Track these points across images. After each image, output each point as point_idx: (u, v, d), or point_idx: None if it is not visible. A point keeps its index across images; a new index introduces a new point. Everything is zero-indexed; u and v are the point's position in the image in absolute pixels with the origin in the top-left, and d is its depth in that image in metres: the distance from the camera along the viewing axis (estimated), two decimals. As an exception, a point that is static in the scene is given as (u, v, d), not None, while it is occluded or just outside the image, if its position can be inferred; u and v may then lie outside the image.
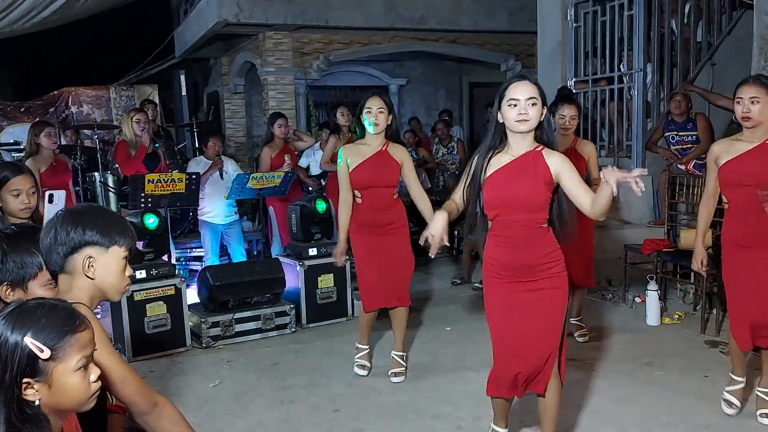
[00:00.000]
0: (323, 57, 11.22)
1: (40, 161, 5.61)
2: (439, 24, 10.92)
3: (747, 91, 3.25)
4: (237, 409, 3.81)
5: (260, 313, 5.05)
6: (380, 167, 3.95)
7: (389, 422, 3.57)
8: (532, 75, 9.69)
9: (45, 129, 5.66)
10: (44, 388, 1.49)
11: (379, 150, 3.97)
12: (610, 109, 7.10)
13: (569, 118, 4.49)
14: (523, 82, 2.72)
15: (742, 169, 3.25)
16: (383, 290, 4.06)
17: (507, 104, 2.68)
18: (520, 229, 2.72)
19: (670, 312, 5.31)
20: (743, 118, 3.25)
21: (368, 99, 3.96)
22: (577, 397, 3.75)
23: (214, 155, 6.18)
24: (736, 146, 3.34)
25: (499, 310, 2.82)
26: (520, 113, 2.66)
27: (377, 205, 3.98)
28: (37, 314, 1.49)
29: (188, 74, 12.81)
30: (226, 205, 6.18)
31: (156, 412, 1.95)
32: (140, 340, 4.63)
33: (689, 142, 6.13)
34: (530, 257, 2.72)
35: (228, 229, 6.28)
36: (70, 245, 1.89)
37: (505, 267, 2.76)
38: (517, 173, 2.71)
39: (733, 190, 3.32)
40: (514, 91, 2.68)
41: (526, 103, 2.66)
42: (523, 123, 2.67)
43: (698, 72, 6.75)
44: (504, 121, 2.73)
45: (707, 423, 3.41)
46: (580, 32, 7.26)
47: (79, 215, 1.93)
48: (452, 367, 4.36)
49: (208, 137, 6.28)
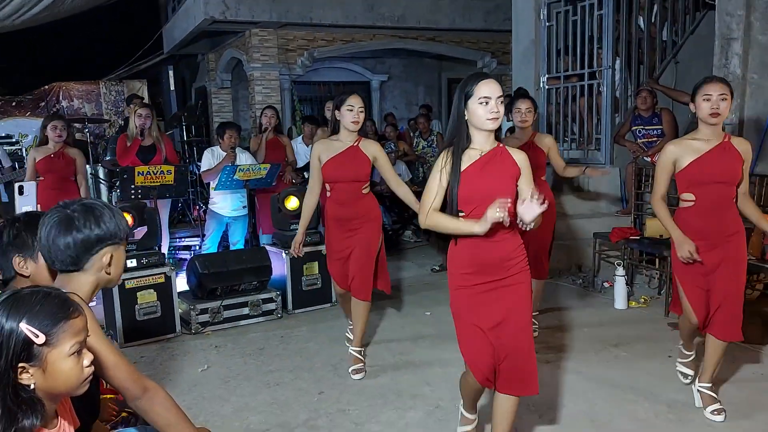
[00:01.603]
0: (307, 53, 11.42)
1: (40, 151, 5.80)
2: (419, 23, 11.18)
3: (716, 88, 3.20)
4: (225, 393, 3.87)
5: (248, 300, 5.17)
6: (350, 162, 3.97)
7: (371, 403, 3.67)
8: (507, 72, 9.99)
9: (51, 122, 5.82)
10: (39, 373, 1.50)
11: (351, 146, 3.99)
12: (580, 105, 7.26)
13: (525, 111, 4.52)
14: (491, 80, 2.67)
15: (709, 168, 3.20)
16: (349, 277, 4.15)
17: (477, 102, 2.62)
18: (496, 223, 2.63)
19: (637, 296, 5.52)
20: (712, 114, 3.19)
21: (350, 97, 3.94)
22: (548, 377, 3.88)
23: (229, 148, 6.06)
24: (695, 146, 3.28)
25: (467, 311, 2.76)
26: (491, 111, 2.62)
27: (344, 198, 4.02)
28: (32, 301, 1.51)
29: (176, 70, 12.94)
30: (236, 199, 6.19)
31: (147, 397, 1.96)
32: (131, 326, 4.71)
33: (655, 136, 6.32)
34: (502, 251, 2.69)
35: (234, 222, 6.30)
36: (95, 245, 1.92)
37: (479, 264, 2.70)
38: (489, 168, 2.68)
39: (700, 188, 3.26)
40: (484, 89, 2.62)
41: (497, 101, 2.63)
42: (494, 121, 2.64)
43: (663, 69, 6.95)
44: (470, 118, 2.67)
45: (670, 400, 3.54)
46: (552, 31, 7.42)
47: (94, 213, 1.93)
48: (431, 350, 4.48)
49: (224, 129, 6.17)
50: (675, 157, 3.31)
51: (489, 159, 2.69)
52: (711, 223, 3.26)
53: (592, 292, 5.84)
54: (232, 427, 3.45)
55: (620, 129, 6.71)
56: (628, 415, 3.44)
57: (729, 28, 5.43)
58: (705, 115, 3.23)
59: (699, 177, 3.24)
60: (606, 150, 7.01)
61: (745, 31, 5.33)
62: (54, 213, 1.93)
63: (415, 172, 8.66)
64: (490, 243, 2.66)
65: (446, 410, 3.50)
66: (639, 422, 3.37)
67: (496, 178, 2.67)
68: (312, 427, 3.44)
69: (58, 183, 5.77)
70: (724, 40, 5.48)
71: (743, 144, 3.32)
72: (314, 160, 4.06)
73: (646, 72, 7.08)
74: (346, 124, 3.96)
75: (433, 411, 3.54)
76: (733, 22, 5.40)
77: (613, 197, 6.93)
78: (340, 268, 4.16)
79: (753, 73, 5.38)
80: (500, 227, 2.60)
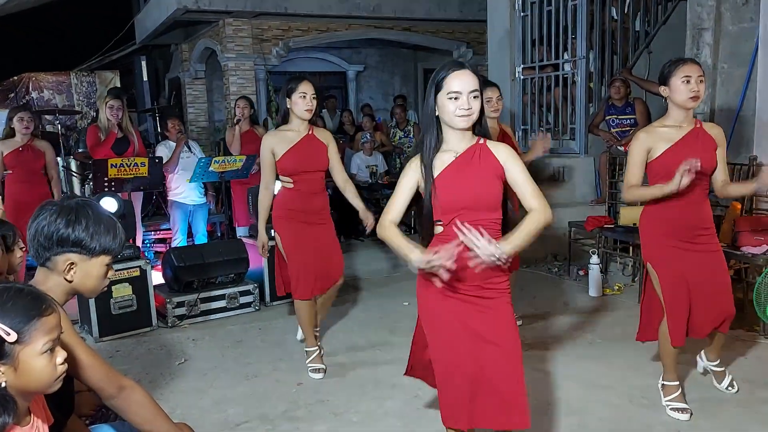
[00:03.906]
0: (282, 44, 11.34)
1: (7, 144, 5.69)
2: (394, 12, 11.16)
3: (694, 69, 3.04)
4: (202, 385, 3.87)
5: (225, 293, 5.16)
6: (309, 151, 3.82)
7: (350, 393, 3.69)
8: (483, 62, 10.00)
9: (17, 114, 5.71)
10: (10, 371, 1.47)
11: (306, 134, 3.83)
12: (555, 94, 7.31)
13: (496, 99, 4.39)
14: (463, 71, 2.32)
15: (684, 156, 2.94)
16: (318, 275, 3.92)
17: (447, 96, 2.29)
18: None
19: (611, 284, 5.60)
20: (693, 98, 3.02)
21: (302, 83, 3.74)
22: (523, 363, 3.95)
23: (176, 134, 6.35)
24: (667, 133, 3.12)
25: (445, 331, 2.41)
26: (461, 108, 2.29)
27: (310, 189, 3.86)
28: (4, 298, 1.47)
29: (149, 60, 12.73)
30: (196, 187, 6.33)
31: (123, 396, 1.92)
32: (107, 320, 4.69)
33: (628, 125, 6.40)
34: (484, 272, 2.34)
35: (196, 210, 6.44)
36: (55, 245, 1.85)
37: (455, 279, 2.30)
38: (466, 170, 2.35)
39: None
40: (454, 82, 2.29)
41: (469, 96, 2.29)
42: (465, 119, 2.31)
43: (636, 59, 7.02)
44: (440, 114, 2.35)
45: (643, 385, 3.57)
46: (527, 21, 7.47)
47: (71, 215, 1.86)
48: (409, 339, 4.42)
49: (165, 121, 6.42)
50: (648, 145, 3.13)
51: (466, 160, 2.36)
52: (686, 215, 3.12)
53: (567, 280, 5.91)
54: (211, 419, 3.44)
55: (594, 119, 6.78)
56: (602, 401, 3.49)
57: (700, 18, 5.51)
58: (684, 99, 3.04)
59: (673, 167, 2.97)
60: (580, 140, 7.07)
61: (715, 21, 5.41)
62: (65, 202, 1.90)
63: (392, 162, 8.66)
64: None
65: (425, 399, 3.51)
66: (613, 407, 3.42)
67: (477, 180, 2.34)
68: (291, 418, 3.45)
69: (26, 176, 5.67)
70: (695, 30, 5.57)
71: (714, 128, 3.20)
72: (266, 153, 3.84)
73: (620, 62, 7.14)
74: (299, 113, 3.78)
75: (412, 400, 3.56)
76: (704, 12, 5.48)
77: (588, 186, 6.99)
78: (312, 263, 3.88)
79: (723, 63, 5.47)
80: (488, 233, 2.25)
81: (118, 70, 12.27)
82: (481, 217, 2.33)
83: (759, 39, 5.05)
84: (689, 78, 3.01)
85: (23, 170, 5.67)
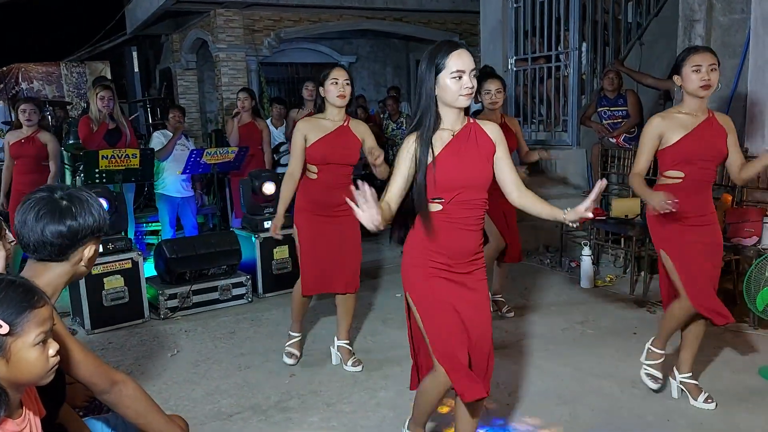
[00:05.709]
0: (274, 34, 11.29)
1: (13, 135, 5.75)
2: (386, 3, 11.15)
3: (705, 58, 3.03)
4: (195, 377, 3.86)
5: (217, 285, 5.14)
6: (341, 143, 3.65)
7: (342, 384, 3.70)
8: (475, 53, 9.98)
9: (20, 106, 5.73)
10: (2, 363, 1.47)
11: (341, 125, 3.66)
12: (547, 86, 7.31)
13: (495, 92, 4.35)
14: (462, 50, 2.38)
15: (699, 144, 3.04)
16: (329, 275, 3.81)
17: (450, 76, 2.34)
18: (474, 209, 2.44)
19: (603, 275, 5.63)
20: (703, 86, 3.02)
21: (334, 69, 3.65)
22: (516, 355, 3.98)
23: (174, 127, 6.34)
24: (682, 120, 3.12)
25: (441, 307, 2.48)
26: (465, 87, 2.35)
27: (333, 182, 3.66)
28: None
29: (140, 51, 12.70)
30: (184, 179, 6.29)
31: (115, 390, 1.90)
32: (98, 312, 4.68)
33: (620, 117, 6.40)
34: (472, 241, 2.48)
35: (184, 203, 6.40)
36: (78, 241, 1.85)
37: (447, 256, 2.44)
38: (464, 149, 2.43)
39: (688, 166, 3.10)
40: (458, 61, 2.34)
41: (471, 74, 2.36)
42: (468, 98, 2.37)
43: (629, 51, 7.03)
44: (440, 94, 2.39)
45: (635, 376, 3.55)
46: (520, 12, 7.46)
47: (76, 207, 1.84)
48: (401, 330, 4.41)
49: (168, 110, 6.36)
50: (661, 130, 3.12)
51: (463, 139, 2.44)
52: (693, 202, 3.12)
53: (559, 272, 5.93)
54: (203, 410, 3.44)
55: (586, 110, 6.78)
56: (594, 391, 3.52)
57: (692, 10, 5.53)
58: (695, 88, 3.04)
59: (690, 154, 3.06)
60: (573, 131, 7.09)
61: (707, 12, 5.43)
62: (41, 199, 1.82)
63: (385, 154, 8.64)
64: (465, 233, 2.45)
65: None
66: (605, 398, 3.44)
67: (472, 159, 2.42)
68: (283, 408, 3.45)
69: (29, 167, 5.68)
70: (687, 21, 5.59)
71: (724, 117, 3.22)
72: (299, 139, 3.65)
73: (612, 54, 7.16)
74: (332, 100, 3.61)
75: (404, 391, 3.52)
76: (695, 4, 5.50)
77: (580, 178, 7.01)
78: (323, 262, 3.78)
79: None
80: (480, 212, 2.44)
81: (109, 61, 12.19)
82: (476, 195, 2.44)
83: (750, 30, 5.07)
84: (699, 67, 3.02)
85: (26, 161, 5.68)
